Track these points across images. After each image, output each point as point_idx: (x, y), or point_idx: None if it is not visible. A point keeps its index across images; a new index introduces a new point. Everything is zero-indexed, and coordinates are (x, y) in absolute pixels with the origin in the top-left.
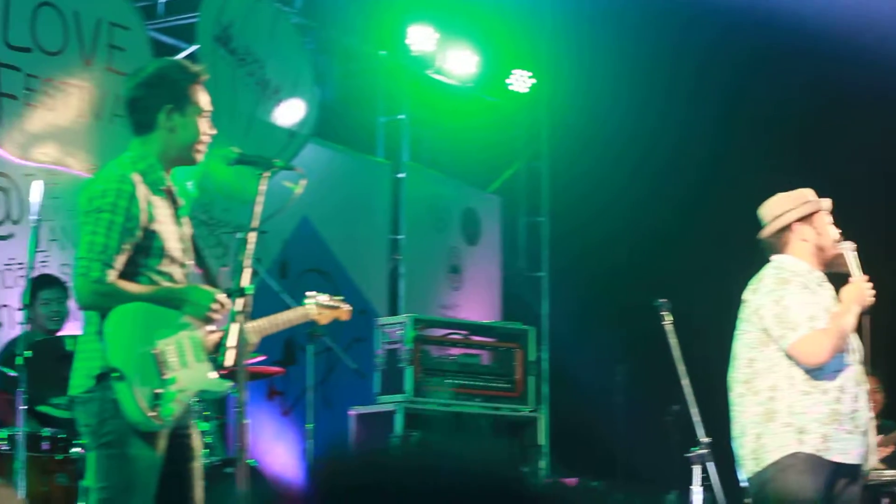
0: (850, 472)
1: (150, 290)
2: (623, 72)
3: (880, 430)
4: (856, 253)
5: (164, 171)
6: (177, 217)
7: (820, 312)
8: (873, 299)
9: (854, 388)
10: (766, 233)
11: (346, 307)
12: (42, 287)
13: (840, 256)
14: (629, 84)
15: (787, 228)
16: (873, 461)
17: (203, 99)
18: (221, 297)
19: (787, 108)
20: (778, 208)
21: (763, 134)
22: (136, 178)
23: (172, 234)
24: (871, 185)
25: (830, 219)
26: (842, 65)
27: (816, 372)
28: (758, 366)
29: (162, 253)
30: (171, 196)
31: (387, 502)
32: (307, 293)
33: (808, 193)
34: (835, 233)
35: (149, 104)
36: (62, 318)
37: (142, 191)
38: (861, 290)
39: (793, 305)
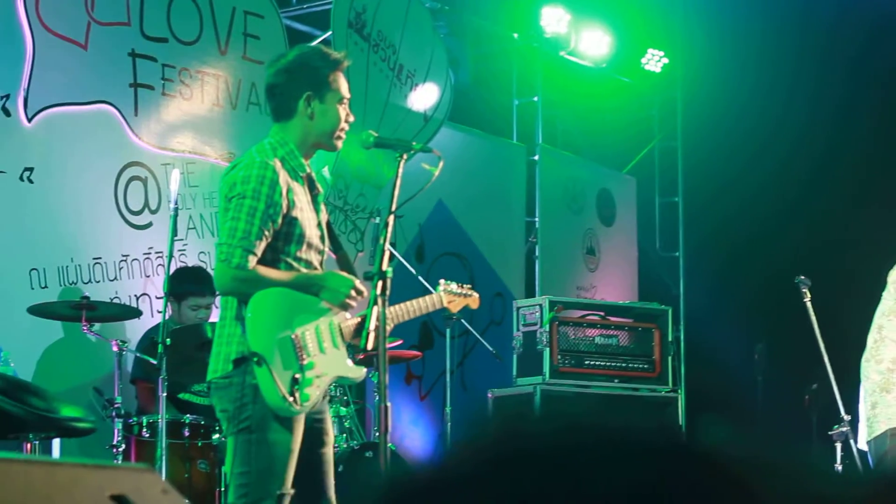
0: None
1: (290, 276)
2: (752, 47)
3: None
4: None
5: (303, 157)
6: (315, 203)
7: None
8: None
9: None
10: None
11: (476, 295)
12: (194, 291)
13: None
14: (759, 59)
15: None
16: None
17: (343, 86)
18: (359, 283)
19: None
20: None
21: (894, 102)
22: (277, 164)
23: (311, 220)
24: None
25: None
26: None
27: None
28: (885, 333)
29: (301, 240)
30: (309, 182)
31: (535, 470)
32: (439, 281)
33: None
34: None
35: (288, 91)
36: (207, 317)
37: (283, 177)
38: None
39: None
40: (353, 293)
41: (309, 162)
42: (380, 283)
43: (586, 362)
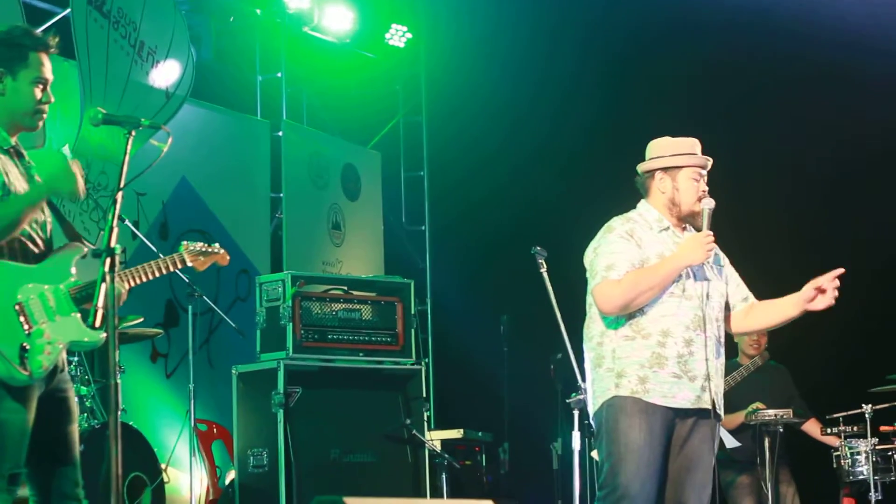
0: (685, 415)
1: (20, 196)
2: (503, 25)
3: (765, 370)
4: (710, 210)
5: (6, 132)
6: (28, 175)
7: (622, 262)
8: (710, 254)
9: (685, 332)
10: (640, 168)
11: (223, 252)
12: None
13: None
14: (510, 37)
15: (651, 175)
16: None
17: (43, 67)
18: (76, 164)
19: (676, 70)
20: (653, 151)
21: (649, 93)
22: None
23: (25, 190)
24: (756, 155)
25: (700, 175)
26: (733, 31)
27: (640, 317)
28: (593, 311)
29: None
30: (18, 154)
31: None
32: (182, 242)
33: (688, 145)
34: (697, 191)
35: None
36: None
37: None
38: (697, 243)
39: (602, 253)
40: (74, 169)
41: (18, 137)
42: (108, 260)
43: (330, 336)
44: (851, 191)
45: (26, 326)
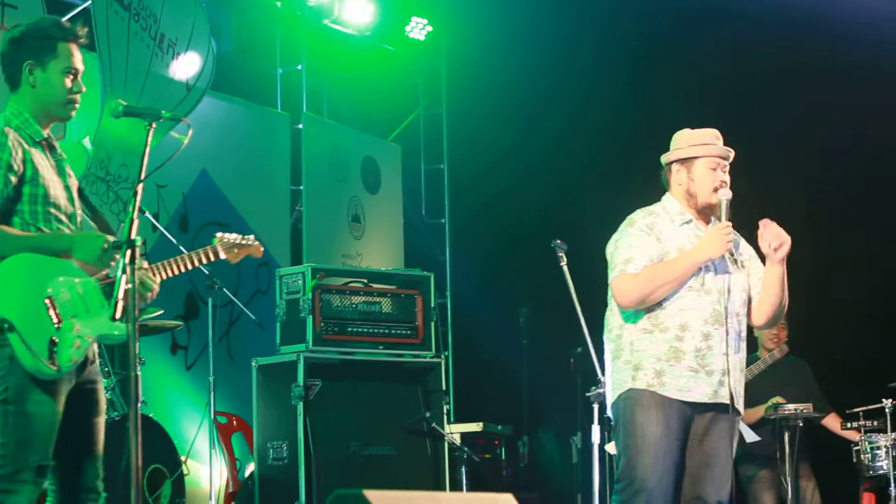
0: (703, 410)
1: (38, 235)
2: (523, 17)
3: (785, 365)
4: (728, 200)
5: (39, 125)
6: (59, 168)
7: (641, 256)
8: (729, 245)
9: (703, 326)
10: (661, 160)
11: (257, 244)
12: None
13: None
14: (530, 30)
15: (669, 167)
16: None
17: (73, 57)
18: (112, 239)
19: (697, 64)
20: (673, 143)
21: (669, 86)
22: (12, 133)
23: (56, 183)
24: (779, 145)
25: (717, 165)
26: (758, 24)
27: (658, 310)
28: (612, 303)
29: (47, 200)
30: (50, 147)
31: None
32: (216, 234)
33: (707, 136)
34: (715, 182)
35: (15, 60)
36: None
37: (20, 143)
38: (715, 236)
39: (621, 247)
40: (106, 247)
41: (50, 128)
42: (128, 253)
43: (349, 329)
44: (874, 184)
45: (56, 320)
